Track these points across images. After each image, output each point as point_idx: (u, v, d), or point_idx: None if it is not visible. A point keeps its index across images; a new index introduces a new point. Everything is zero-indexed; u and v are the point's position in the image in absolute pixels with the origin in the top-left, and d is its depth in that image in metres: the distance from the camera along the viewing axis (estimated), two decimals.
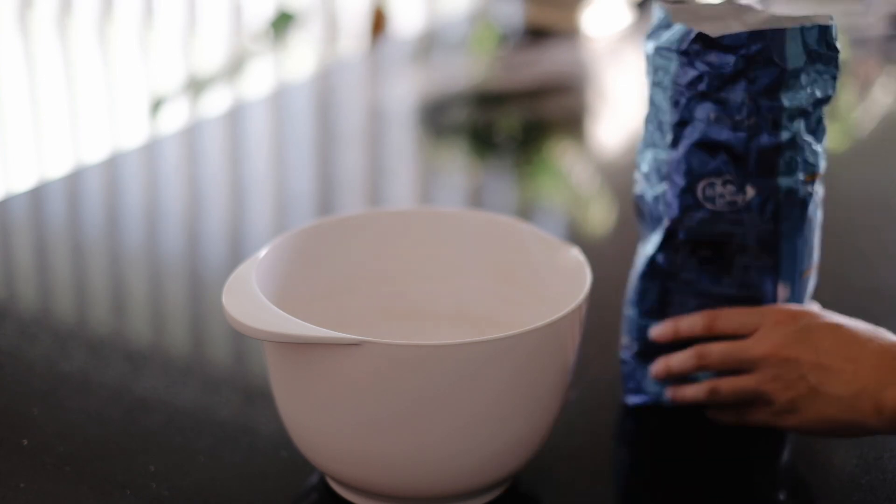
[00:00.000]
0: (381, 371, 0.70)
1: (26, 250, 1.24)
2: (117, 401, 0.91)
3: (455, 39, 2.10)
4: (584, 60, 1.96)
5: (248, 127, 1.62)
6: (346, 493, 0.79)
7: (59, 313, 1.11)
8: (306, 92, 1.80)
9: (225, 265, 1.19)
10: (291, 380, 0.75)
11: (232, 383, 0.98)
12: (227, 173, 1.47)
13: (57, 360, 0.98)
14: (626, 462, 0.87)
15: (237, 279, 0.76)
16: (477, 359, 0.71)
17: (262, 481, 0.81)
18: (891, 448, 0.86)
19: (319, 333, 0.70)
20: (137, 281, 1.18)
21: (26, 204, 1.32)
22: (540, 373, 0.75)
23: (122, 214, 1.33)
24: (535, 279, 0.88)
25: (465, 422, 0.73)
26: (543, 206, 1.42)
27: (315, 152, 1.56)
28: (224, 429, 0.88)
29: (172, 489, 0.80)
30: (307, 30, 2.95)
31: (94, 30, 3.09)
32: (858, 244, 1.26)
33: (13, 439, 0.84)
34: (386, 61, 1.97)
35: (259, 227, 1.32)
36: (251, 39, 2.97)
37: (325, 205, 1.38)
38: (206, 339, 1.07)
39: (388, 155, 1.56)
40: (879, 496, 0.81)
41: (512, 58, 1.95)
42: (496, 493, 0.80)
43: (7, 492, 0.78)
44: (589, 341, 0.86)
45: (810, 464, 0.86)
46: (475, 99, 1.78)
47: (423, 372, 0.71)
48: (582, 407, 0.91)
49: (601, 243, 1.27)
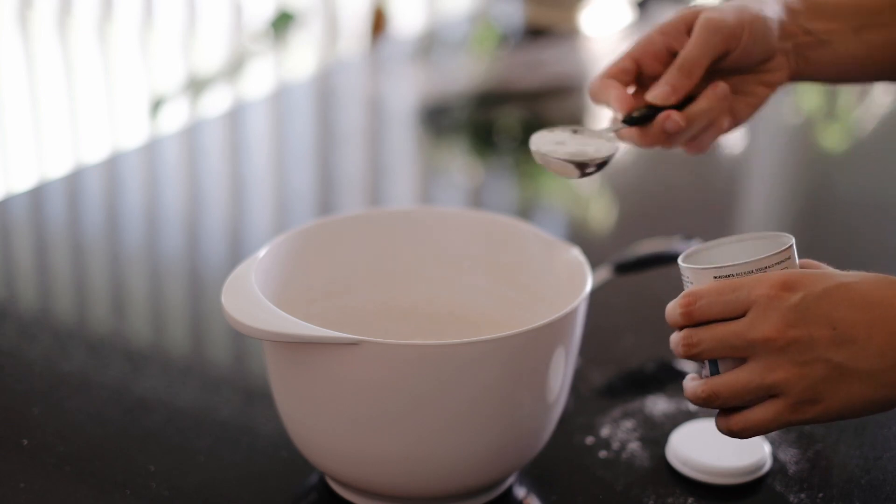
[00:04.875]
0: (380, 371, 0.70)
1: (26, 250, 1.24)
2: (117, 401, 0.91)
3: (455, 39, 2.10)
4: (584, 60, 1.96)
5: (248, 127, 1.62)
6: (345, 493, 0.79)
7: (59, 313, 1.11)
8: (306, 92, 1.80)
9: (224, 265, 1.19)
10: (291, 379, 0.75)
11: (232, 383, 0.98)
12: (227, 173, 1.47)
13: (57, 360, 0.98)
14: (626, 462, 0.87)
15: (236, 279, 0.76)
16: (476, 358, 0.71)
17: (262, 481, 0.81)
18: (891, 448, 0.86)
19: (318, 333, 0.70)
20: (137, 281, 1.18)
21: (26, 204, 1.32)
22: (539, 372, 0.75)
23: (122, 214, 1.33)
24: (535, 279, 0.88)
25: (464, 421, 0.73)
26: (543, 206, 1.42)
27: (315, 152, 1.56)
28: (224, 429, 0.88)
29: (172, 489, 0.80)
30: (307, 30, 2.95)
31: (94, 30, 3.09)
32: (858, 244, 1.26)
33: (13, 439, 0.84)
34: (386, 61, 1.97)
35: (259, 227, 1.32)
36: (251, 39, 2.97)
37: (325, 205, 1.38)
38: (205, 339, 1.07)
39: (388, 155, 1.56)
40: (879, 496, 0.81)
41: (512, 58, 1.95)
42: (496, 492, 0.80)
43: (7, 491, 0.78)
44: (589, 341, 0.86)
45: (810, 463, 0.86)
46: (475, 99, 1.77)
47: (422, 372, 0.71)
48: (582, 407, 0.91)
49: (601, 243, 1.27)
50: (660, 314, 1.08)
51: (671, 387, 0.95)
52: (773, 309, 0.66)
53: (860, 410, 0.67)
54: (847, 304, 0.65)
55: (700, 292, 0.67)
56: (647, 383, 0.96)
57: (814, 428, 0.89)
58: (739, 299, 0.66)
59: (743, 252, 0.71)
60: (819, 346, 0.65)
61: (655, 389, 0.94)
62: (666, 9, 2.20)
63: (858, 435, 0.88)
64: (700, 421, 0.88)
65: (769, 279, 0.66)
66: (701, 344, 0.68)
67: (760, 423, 0.68)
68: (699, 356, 0.68)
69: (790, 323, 0.65)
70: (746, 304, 0.66)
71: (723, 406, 0.69)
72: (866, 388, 0.66)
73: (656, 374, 0.98)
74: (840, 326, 0.65)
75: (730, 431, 0.69)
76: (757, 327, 0.66)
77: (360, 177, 1.49)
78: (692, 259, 0.71)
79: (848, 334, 0.65)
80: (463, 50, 2.05)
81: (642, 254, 1.05)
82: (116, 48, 3.08)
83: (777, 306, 0.66)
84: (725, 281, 0.67)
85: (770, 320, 0.66)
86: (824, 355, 0.65)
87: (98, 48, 3.09)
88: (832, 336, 0.65)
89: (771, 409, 0.67)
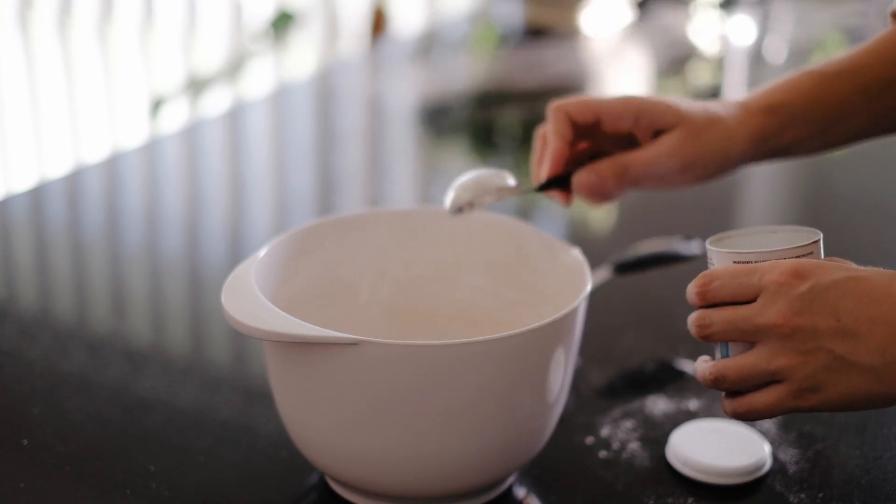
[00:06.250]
0: (379, 371, 0.70)
1: (26, 250, 1.24)
2: (117, 401, 0.91)
3: (455, 39, 2.10)
4: (584, 60, 1.96)
5: (248, 127, 1.62)
6: (345, 492, 0.79)
7: (59, 313, 1.11)
8: (306, 92, 1.80)
9: (225, 265, 1.19)
10: (291, 379, 0.75)
11: (232, 383, 0.98)
12: (227, 173, 1.47)
13: (57, 360, 0.98)
14: (626, 462, 0.87)
15: (236, 279, 0.76)
16: (476, 358, 0.71)
17: (262, 481, 0.81)
18: (891, 448, 0.86)
19: (318, 333, 0.70)
20: (137, 281, 1.18)
21: (26, 204, 1.32)
22: (539, 372, 0.75)
23: (122, 214, 1.33)
24: (535, 279, 0.88)
25: (464, 421, 0.73)
26: (543, 206, 1.42)
27: (315, 152, 1.56)
28: (224, 429, 0.88)
29: (172, 489, 0.80)
30: (307, 30, 2.96)
31: (94, 30, 3.09)
32: (859, 244, 1.26)
33: (13, 439, 0.84)
34: (386, 61, 1.97)
35: (259, 227, 1.32)
36: (251, 39, 2.97)
37: (325, 204, 1.38)
38: (205, 339, 1.07)
39: (388, 154, 1.56)
40: (879, 496, 0.81)
41: (512, 58, 1.95)
42: (496, 492, 0.80)
43: (7, 491, 0.78)
44: (589, 341, 0.86)
45: (810, 463, 0.86)
46: (475, 99, 1.78)
47: (421, 371, 0.71)
48: (582, 407, 0.91)
49: (601, 243, 1.27)
50: (660, 314, 1.08)
51: (671, 387, 0.95)
52: (781, 295, 0.66)
53: (861, 403, 0.67)
54: (854, 296, 0.66)
55: (715, 273, 0.69)
56: (647, 383, 0.96)
57: (814, 428, 0.89)
58: (752, 283, 0.67)
59: (771, 242, 0.72)
60: (822, 335, 0.66)
61: (655, 389, 0.94)
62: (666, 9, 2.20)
63: (858, 435, 0.88)
64: (700, 421, 0.88)
65: (781, 266, 0.67)
66: (712, 326, 0.69)
67: (763, 408, 0.69)
68: (710, 337, 0.69)
69: (796, 311, 0.66)
70: (758, 289, 0.67)
71: (729, 389, 0.70)
72: (866, 382, 0.66)
73: (656, 374, 0.98)
74: (844, 318, 0.65)
75: (734, 414, 0.70)
76: (765, 313, 0.67)
77: (360, 177, 1.49)
78: (720, 243, 0.72)
79: (850, 327, 0.65)
80: (463, 50, 2.05)
81: (642, 254, 1.05)
82: (116, 48, 3.08)
83: (785, 293, 0.66)
84: (740, 265, 0.68)
85: (777, 307, 0.66)
86: (826, 345, 0.66)
87: (98, 48, 3.09)
88: (835, 327, 0.65)
89: (774, 394, 0.68)
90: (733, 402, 0.70)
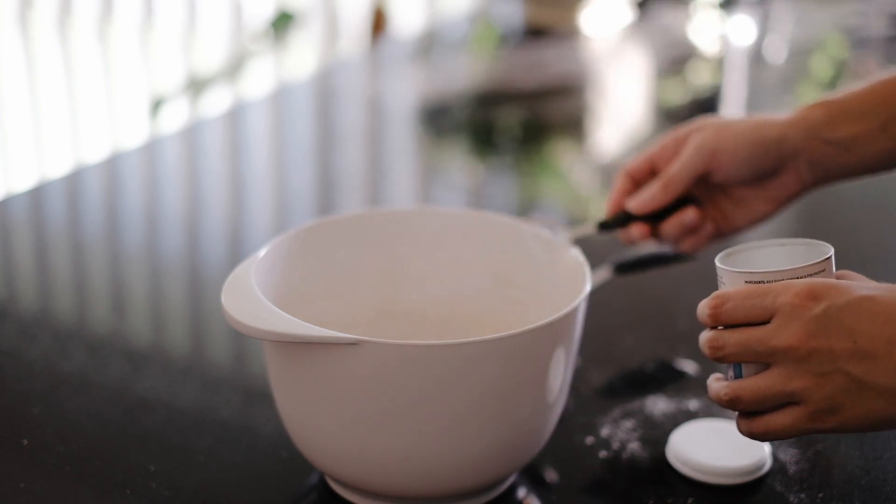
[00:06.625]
0: (379, 371, 0.70)
1: (26, 250, 1.24)
2: (117, 401, 0.91)
3: (455, 39, 2.10)
4: (584, 60, 1.96)
5: (248, 127, 1.62)
6: (345, 492, 0.79)
7: (59, 313, 1.11)
8: (306, 92, 1.80)
9: (225, 265, 1.19)
10: (291, 379, 0.75)
11: (232, 383, 0.98)
12: (227, 173, 1.47)
13: (57, 360, 0.98)
14: (626, 462, 0.87)
15: (236, 279, 0.76)
16: (476, 358, 0.71)
17: (262, 481, 0.81)
18: (891, 448, 0.86)
19: (318, 333, 0.70)
20: (137, 281, 1.18)
21: (26, 204, 1.32)
22: (539, 372, 0.75)
23: (122, 214, 1.33)
24: (535, 279, 0.88)
25: (464, 421, 0.73)
26: (543, 205, 1.42)
27: (315, 152, 1.56)
28: (224, 429, 0.88)
29: (172, 489, 0.80)
30: (307, 30, 2.96)
31: (94, 30, 3.09)
32: (859, 244, 1.26)
33: (13, 439, 0.84)
34: (386, 61, 1.98)
35: (259, 227, 1.32)
36: (251, 39, 2.97)
37: (325, 205, 1.38)
38: (205, 339, 1.07)
39: (388, 154, 1.56)
40: (879, 496, 0.81)
41: (512, 58, 1.95)
42: (496, 492, 0.80)
43: (7, 491, 0.78)
44: (589, 341, 0.86)
45: (810, 463, 0.86)
46: (475, 99, 1.78)
47: (421, 371, 0.71)
48: (582, 407, 0.91)
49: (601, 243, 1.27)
50: (660, 314, 1.08)
51: (671, 387, 0.95)
52: (796, 318, 0.66)
53: (879, 424, 0.67)
54: (869, 317, 0.65)
55: (728, 295, 0.68)
56: (647, 383, 0.96)
57: None
58: (765, 305, 0.67)
59: (781, 257, 0.71)
60: (839, 358, 0.65)
61: (655, 389, 0.94)
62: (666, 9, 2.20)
63: (858, 435, 0.88)
64: (700, 421, 0.88)
65: (795, 287, 0.66)
66: (726, 347, 0.68)
67: (781, 429, 0.68)
68: (724, 359, 0.69)
69: (812, 333, 0.65)
70: (772, 311, 0.66)
71: (745, 409, 0.69)
72: (885, 404, 0.65)
73: (656, 374, 0.98)
74: (860, 340, 0.65)
75: (751, 434, 0.70)
76: (780, 335, 0.66)
77: (360, 177, 1.49)
78: (730, 260, 0.71)
79: (867, 348, 0.64)
80: (463, 50, 2.05)
81: (642, 254, 1.05)
82: (116, 48, 3.08)
83: (800, 315, 0.65)
84: (754, 286, 0.68)
85: (792, 329, 0.66)
86: (844, 367, 0.65)
87: (98, 48, 3.09)
88: (852, 349, 0.65)
89: (791, 415, 0.68)
90: (749, 423, 0.69)
